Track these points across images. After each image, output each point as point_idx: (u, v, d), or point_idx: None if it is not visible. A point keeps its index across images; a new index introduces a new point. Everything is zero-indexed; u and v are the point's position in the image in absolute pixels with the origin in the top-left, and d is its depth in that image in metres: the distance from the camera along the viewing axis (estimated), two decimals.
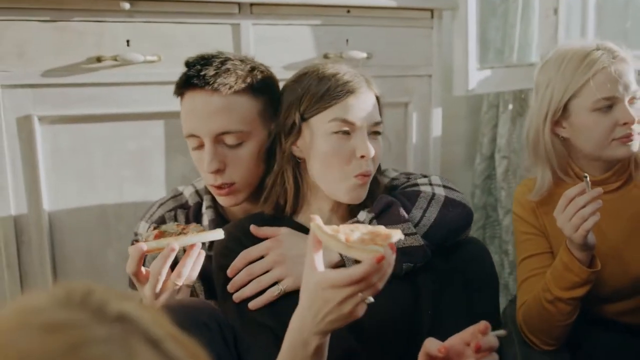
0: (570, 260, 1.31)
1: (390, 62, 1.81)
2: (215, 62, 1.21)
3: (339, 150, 1.15)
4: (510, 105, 2.19)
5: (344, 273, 0.87)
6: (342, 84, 1.16)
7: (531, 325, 1.43)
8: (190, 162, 1.66)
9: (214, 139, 1.20)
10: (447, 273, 1.21)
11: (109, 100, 1.52)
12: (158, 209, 1.34)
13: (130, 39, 1.51)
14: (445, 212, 1.19)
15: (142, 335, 0.42)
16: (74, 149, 1.52)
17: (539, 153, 1.46)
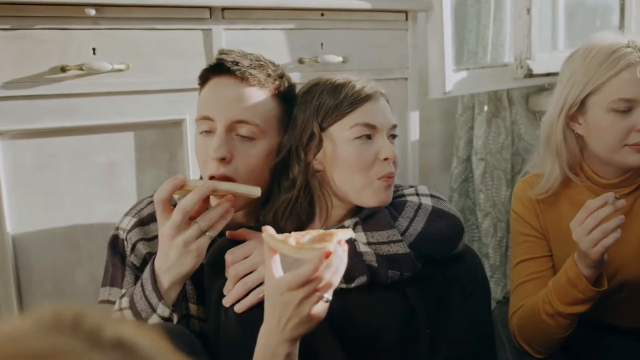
0: (577, 276, 1.25)
1: (366, 65, 1.77)
2: (250, 57, 1.22)
3: (362, 155, 1.14)
4: (485, 106, 2.18)
5: (297, 273, 0.91)
6: (358, 90, 1.16)
7: (525, 334, 1.39)
8: (162, 175, 1.60)
9: (229, 125, 1.15)
10: (444, 288, 1.17)
11: (74, 112, 1.43)
12: (148, 206, 1.26)
13: (97, 47, 1.43)
14: (433, 222, 1.15)
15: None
16: (38, 165, 1.43)
17: (550, 147, 1.39)
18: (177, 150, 1.57)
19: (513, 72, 2.07)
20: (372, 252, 1.09)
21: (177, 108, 1.53)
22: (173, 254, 1.07)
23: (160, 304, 1.09)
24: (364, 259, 1.09)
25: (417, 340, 1.14)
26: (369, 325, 1.12)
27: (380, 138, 1.15)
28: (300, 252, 0.93)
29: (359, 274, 1.09)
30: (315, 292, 0.93)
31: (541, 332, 1.34)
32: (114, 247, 1.25)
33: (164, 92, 1.52)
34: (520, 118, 2.26)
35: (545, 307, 1.32)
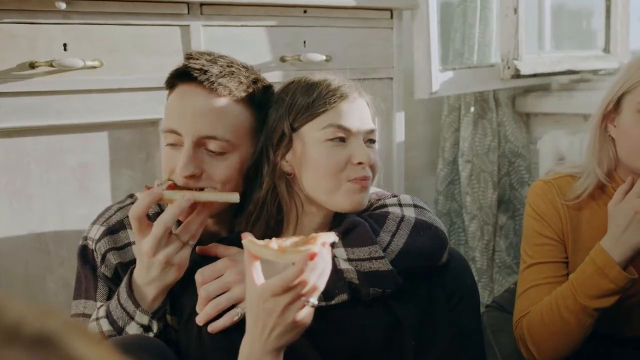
0: (607, 264, 1.20)
1: (350, 64, 1.72)
2: (221, 62, 1.12)
3: (333, 158, 1.07)
4: (472, 107, 2.14)
5: (280, 277, 0.87)
6: (333, 89, 1.10)
7: (539, 336, 1.30)
8: (138, 177, 1.53)
9: (196, 141, 1.08)
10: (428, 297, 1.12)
11: (45, 110, 1.36)
12: (116, 213, 1.20)
13: (68, 43, 1.36)
14: (416, 236, 1.09)
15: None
16: (7, 166, 1.36)
17: (589, 148, 1.34)
18: (154, 151, 1.51)
19: (500, 73, 2.03)
20: (353, 270, 1.04)
21: (153, 107, 1.47)
22: (155, 269, 1.03)
23: (138, 311, 1.04)
24: (345, 276, 1.04)
25: (402, 353, 1.09)
26: (352, 341, 1.08)
27: (354, 141, 1.09)
28: (284, 255, 0.89)
29: (339, 292, 1.04)
30: (300, 297, 0.89)
31: (559, 333, 1.27)
32: (83, 257, 1.19)
33: (140, 91, 1.46)
34: (506, 120, 2.23)
35: (566, 302, 1.25)
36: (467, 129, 2.14)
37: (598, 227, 1.31)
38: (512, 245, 2.31)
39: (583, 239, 1.35)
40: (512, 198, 2.30)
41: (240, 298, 1.03)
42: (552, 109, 2.22)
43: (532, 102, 2.25)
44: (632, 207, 1.21)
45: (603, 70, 2.27)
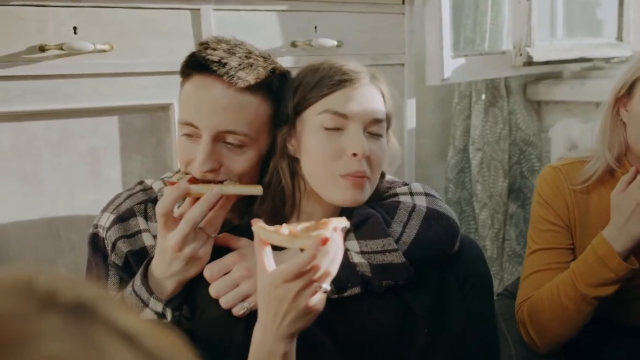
0: (608, 254, 1.20)
1: (361, 50, 1.70)
2: (239, 52, 1.08)
3: (327, 147, 1.03)
4: (483, 95, 2.12)
5: (292, 263, 0.86)
6: (339, 73, 1.05)
7: (539, 322, 1.31)
8: (148, 162, 1.52)
9: (215, 135, 1.06)
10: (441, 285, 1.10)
11: (55, 94, 1.35)
12: (126, 200, 1.18)
13: (78, 26, 1.35)
14: (427, 226, 1.07)
15: (109, 328, 0.32)
16: (17, 150, 1.35)
17: (600, 132, 1.34)
18: (164, 136, 1.50)
19: (512, 60, 2.01)
20: (366, 263, 1.02)
21: (164, 92, 1.46)
22: (178, 264, 1.02)
23: (152, 298, 1.03)
24: (358, 270, 1.02)
25: (414, 341, 1.08)
26: (364, 331, 1.06)
27: (352, 131, 1.03)
28: (295, 241, 0.88)
29: (352, 285, 1.02)
30: (312, 282, 0.87)
31: (558, 319, 1.28)
32: (94, 245, 1.18)
33: (151, 75, 1.45)
34: (517, 108, 2.21)
35: (566, 290, 1.25)
36: (478, 117, 2.12)
37: (606, 212, 1.30)
38: (522, 234, 2.29)
39: (591, 224, 1.35)
40: (523, 186, 2.29)
41: (248, 293, 1.02)
42: (563, 97, 2.19)
43: (544, 90, 2.23)
44: (634, 198, 1.20)
45: (615, 58, 2.25)
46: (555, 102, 2.24)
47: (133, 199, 1.19)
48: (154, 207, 1.17)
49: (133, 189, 1.23)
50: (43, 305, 0.32)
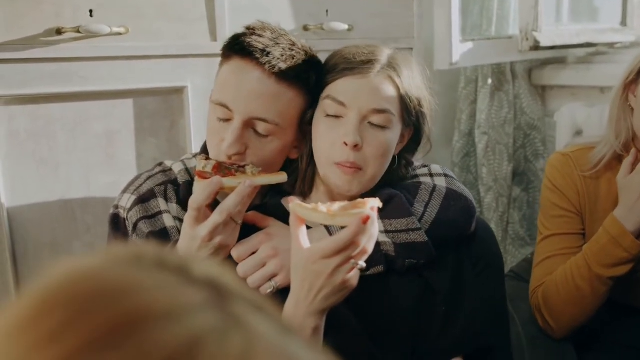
0: (621, 234, 1.23)
1: (372, 34, 1.71)
2: (283, 43, 1.08)
3: (325, 134, 1.06)
4: (489, 79, 2.13)
5: (333, 240, 0.88)
6: (348, 60, 1.06)
7: (555, 306, 1.34)
8: (162, 145, 1.54)
9: (247, 121, 1.07)
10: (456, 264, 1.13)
11: (71, 77, 1.36)
12: (146, 182, 1.20)
13: (94, 9, 1.36)
14: (447, 206, 1.10)
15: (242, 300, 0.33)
16: (34, 132, 1.36)
17: (609, 116, 1.35)
18: (178, 119, 1.51)
19: (518, 45, 2.02)
20: (390, 242, 1.05)
21: (178, 75, 1.47)
22: (206, 252, 1.03)
23: None
24: (382, 249, 1.04)
25: (433, 318, 1.10)
26: (385, 309, 1.09)
27: (349, 119, 1.04)
28: (335, 219, 0.89)
29: (375, 264, 1.04)
30: (350, 259, 0.89)
31: (573, 302, 1.30)
32: (115, 225, 1.19)
33: (165, 58, 1.45)
34: (523, 92, 2.22)
35: (581, 272, 1.27)
36: (484, 101, 2.14)
37: (615, 198, 1.32)
38: (525, 218, 2.32)
39: (600, 209, 1.37)
40: (527, 170, 2.31)
41: (275, 272, 1.04)
42: (568, 82, 2.21)
43: (549, 74, 2.24)
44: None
45: (619, 44, 2.27)
46: (560, 87, 2.26)
47: (153, 180, 1.20)
48: (173, 189, 1.19)
49: (153, 170, 1.24)
50: (183, 280, 0.32)
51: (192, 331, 0.29)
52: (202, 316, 0.30)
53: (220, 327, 0.30)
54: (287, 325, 0.35)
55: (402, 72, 1.08)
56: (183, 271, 0.33)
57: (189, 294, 0.31)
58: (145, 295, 0.31)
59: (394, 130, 1.07)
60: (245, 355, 0.30)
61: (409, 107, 1.09)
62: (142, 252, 0.34)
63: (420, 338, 1.10)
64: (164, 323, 0.29)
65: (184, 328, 0.29)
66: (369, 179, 1.07)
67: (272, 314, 0.34)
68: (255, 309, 0.33)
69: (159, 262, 0.33)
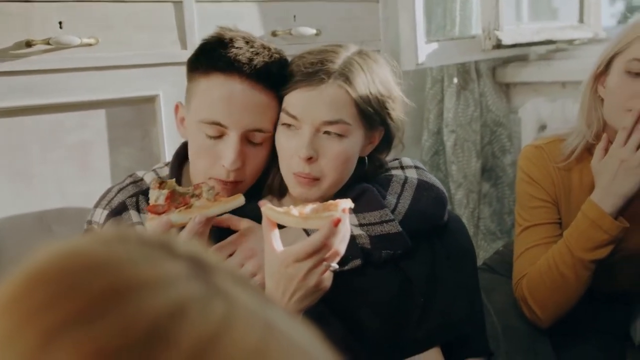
0: (600, 216, 1.25)
1: (340, 38, 1.74)
2: (260, 50, 1.09)
3: (283, 145, 1.09)
4: (454, 79, 2.19)
5: (305, 243, 0.90)
6: (301, 71, 1.06)
7: (539, 296, 1.35)
8: (136, 154, 1.54)
9: (244, 134, 1.08)
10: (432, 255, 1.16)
11: (42, 89, 1.36)
12: (117, 195, 1.20)
13: (63, 21, 1.36)
14: (419, 196, 1.13)
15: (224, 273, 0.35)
16: (6, 145, 1.36)
17: (580, 109, 1.39)
18: (151, 128, 1.52)
19: (481, 44, 2.08)
20: (365, 235, 1.07)
21: (149, 84, 1.48)
22: None
23: None
24: (357, 242, 1.07)
25: (411, 309, 1.13)
26: (365, 302, 1.11)
27: (303, 131, 1.06)
28: (307, 222, 0.91)
29: (352, 258, 1.07)
30: (322, 261, 0.91)
31: (558, 289, 1.32)
32: None
33: (136, 67, 1.46)
34: (488, 90, 2.28)
35: (564, 258, 1.30)
36: (451, 100, 2.19)
37: (587, 188, 1.36)
38: (495, 212, 2.38)
39: (574, 199, 1.40)
40: (495, 166, 2.37)
41: (253, 273, 1.05)
42: (531, 78, 2.28)
43: (512, 72, 2.31)
44: (617, 157, 1.25)
45: (578, 40, 2.34)
46: (523, 84, 2.32)
47: (124, 193, 1.20)
48: (145, 199, 1.19)
49: (123, 182, 1.24)
50: (167, 254, 0.34)
51: (176, 299, 0.31)
52: (185, 285, 0.32)
53: (202, 295, 0.32)
54: (266, 297, 0.36)
55: (355, 78, 1.07)
56: (165, 247, 0.35)
57: (172, 266, 0.33)
58: (130, 268, 0.32)
59: (352, 137, 1.08)
60: (226, 320, 0.31)
61: (367, 111, 1.08)
62: (125, 233, 0.36)
63: (398, 329, 1.12)
64: (149, 292, 0.31)
65: (167, 296, 0.31)
66: (328, 186, 1.09)
67: (252, 286, 0.36)
68: (235, 282, 0.35)
69: (141, 240, 0.35)
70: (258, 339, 0.32)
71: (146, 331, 0.30)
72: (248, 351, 0.31)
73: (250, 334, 0.32)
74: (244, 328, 0.32)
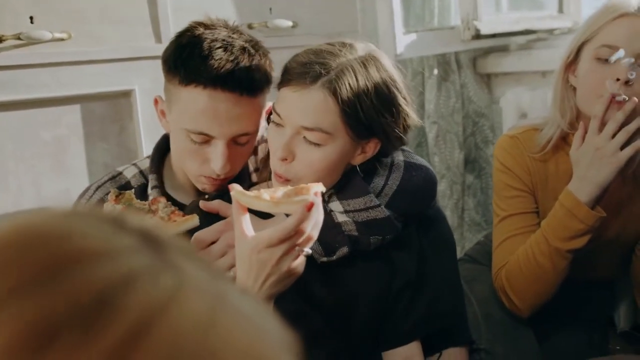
0: (575, 205, 1.24)
1: (316, 30, 1.74)
2: (244, 59, 1.05)
3: (270, 140, 1.07)
4: (435, 70, 2.18)
5: (277, 229, 0.87)
6: (294, 68, 1.03)
7: (518, 285, 1.35)
8: (113, 150, 1.53)
9: (231, 139, 1.08)
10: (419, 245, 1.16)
11: (14, 85, 1.35)
12: (96, 193, 1.19)
13: (35, 15, 1.35)
14: (409, 177, 1.11)
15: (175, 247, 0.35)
16: None
17: (553, 99, 1.38)
18: (127, 123, 1.51)
19: (461, 34, 2.08)
20: (350, 221, 1.06)
21: (125, 78, 1.47)
22: None
23: None
24: (344, 229, 1.05)
25: (399, 299, 1.12)
26: (355, 293, 1.10)
27: (286, 132, 1.03)
28: (279, 206, 0.89)
29: (339, 246, 1.05)
30: (295, 247, 0.89)
31: (536, 279, 1.31)
32: None
33: (110, 62, 1.46)
34: (469, 81, 2.28)
35: (541, 248, 1.29)
36: (432, 91, 2.19)
37: (563, 177, 1.36)
38: (479, 204, 2.38)
39: (550, 189, 1.40)
40: (478, 157, 2.37)
41: (233, 263, 1.02)
42: (511, 68, 2.28)
43: (493, 62, 2.30)
44: (592, 145, 1.24)
45: (558, 30, 2.34)
46: (504, 74, 2.32)
47: (102, 190, 1.20)
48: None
49: (101, 180, 1.23)
50: (119, 229, 0.34)
51: (124, 270, 0.31)
52: (135, 257, 0.32)
53: (152, 267, 0.32)
54: (218, 271, 0.37)
55: (345, 86, 1.00)
56: (117, 221, 0.35)
57: (123, 239, 0.34)
58: (81, 239, 0.33)
59: (332, 146, 1.03)
60: (175, 292, 0.32)
61: (355, 122, 1.02)
62: (78, 208, 0.36)
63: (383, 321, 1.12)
64: (97, 263, 0.31)
65: (116, 267, 0.31)
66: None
67: (204, 261, 0.36)
68: (187, 256, 0.35)
69: (94, 214, 0.36)
70: (207, 311, 0.32)
71: (92, 300, 0.30)
72: (196, 322, 0.31)
73: (199, 306, 0.32)
74: (193, 300, 0.32)
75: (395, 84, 1.06)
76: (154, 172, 1.20)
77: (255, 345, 0.33)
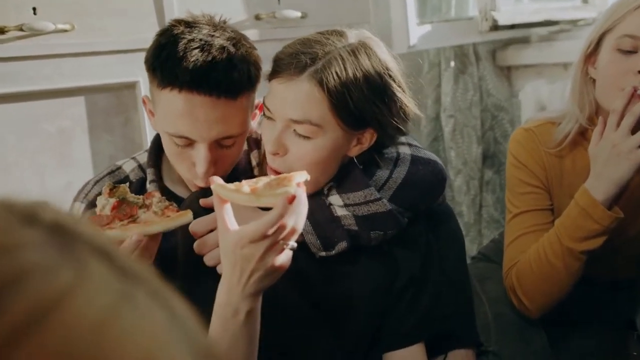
0: (591, 205, 1.19)
1: (326, 21, 1.69)
2: (222, 59, 1.00)
3: (263, 135, 1.05)
4: (452, 62, 2.13)
5: (259, 223, 0.84)
6: (282, 60, 1.00)
7: (529, 284, 1.30)
8: (117, 141, 1.52)
9: (211, 143, 1.04)
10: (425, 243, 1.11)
11: (17, 76, 1.35)
12: (94, 187, 1.18)
13: (37, 7, 1.34)
14: (415, 170, 1.06)
15: (86, 244, 0.33)
16: None
17: (571, 91, 1.33)
18: (132, 115, 1.50)
19: (478, 25, 2.02)
20: (350, 215, 1.02)
21: (129, 70, 1.45)
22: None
23: None
24: (343, 224, 1.02)
25: (401, 299, 1.08)
26: (356, 290, 1.06)
27: (277, 125, 1.00)
28: (260, 199, 0.86)
29: (338, 240, 1.01)
30: (279, 241, 0.86)
31: (547, 280, 1.26)
32: None
33: (114, 53, 1.44)
34: (487, 74, 2.22)
35: (553, 248, 1.24)
36: (448, 84, 2.13)
37: (580, 174, 1.30)
38: (499, 200, 2.32)
39: (566, 184, 1.35)
40: (497, 152, 2.31)
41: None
42: (532, 61, 2.21)
43: (513, 54, 2.24)
44: (609, 141, 1.20)
45: (582, 20, 2.27)
46: (525, 66, 2.26)
47: (101, 184, 1.18)
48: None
49: (100, 175, 1.23)
50: (24, 221, 0.32)
51: (17, 266, 0.30)
52: (33, 253, 0.31)
53: (51, 263, 0.31)
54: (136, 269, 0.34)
55: (332, 76, 0.97)
56: (28, 214, 0.33)
57: (26, 233, 0.32)
58: None
59: (323, 139, 1.00)
60: (70, 289, 0.30)
61: (346, 113, 0.99)
62: None
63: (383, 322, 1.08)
64: None
65: (9, 263, 0.30)
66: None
67: (121, 259, 0.34)
68: (101, 254, 0.33)
69: (6, 206, 0.34)
70: (102, 311, 0.30)
71: None
72: (88, 322, 0.29)
73: (95, 305, 0.30)
74: (89, 299, 0.30)
75: (389, 72, 1.03)
76: (152, 166, 1.19)
77: (156, 353, 0.30)
